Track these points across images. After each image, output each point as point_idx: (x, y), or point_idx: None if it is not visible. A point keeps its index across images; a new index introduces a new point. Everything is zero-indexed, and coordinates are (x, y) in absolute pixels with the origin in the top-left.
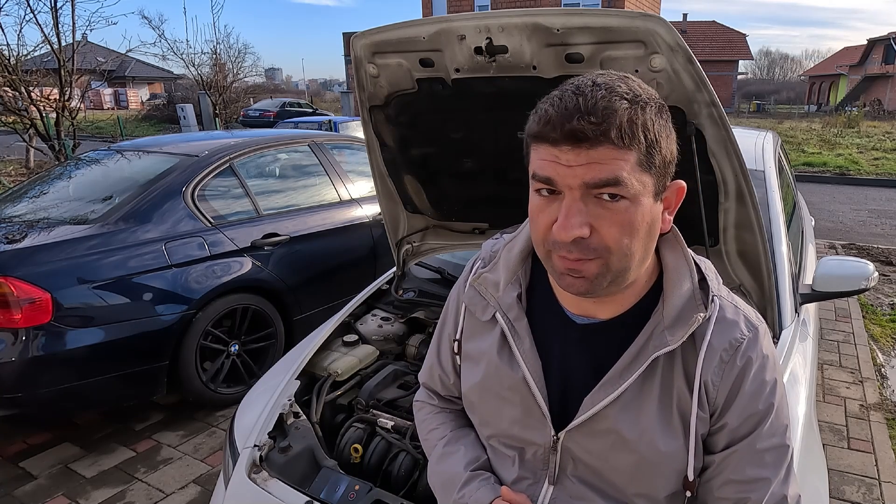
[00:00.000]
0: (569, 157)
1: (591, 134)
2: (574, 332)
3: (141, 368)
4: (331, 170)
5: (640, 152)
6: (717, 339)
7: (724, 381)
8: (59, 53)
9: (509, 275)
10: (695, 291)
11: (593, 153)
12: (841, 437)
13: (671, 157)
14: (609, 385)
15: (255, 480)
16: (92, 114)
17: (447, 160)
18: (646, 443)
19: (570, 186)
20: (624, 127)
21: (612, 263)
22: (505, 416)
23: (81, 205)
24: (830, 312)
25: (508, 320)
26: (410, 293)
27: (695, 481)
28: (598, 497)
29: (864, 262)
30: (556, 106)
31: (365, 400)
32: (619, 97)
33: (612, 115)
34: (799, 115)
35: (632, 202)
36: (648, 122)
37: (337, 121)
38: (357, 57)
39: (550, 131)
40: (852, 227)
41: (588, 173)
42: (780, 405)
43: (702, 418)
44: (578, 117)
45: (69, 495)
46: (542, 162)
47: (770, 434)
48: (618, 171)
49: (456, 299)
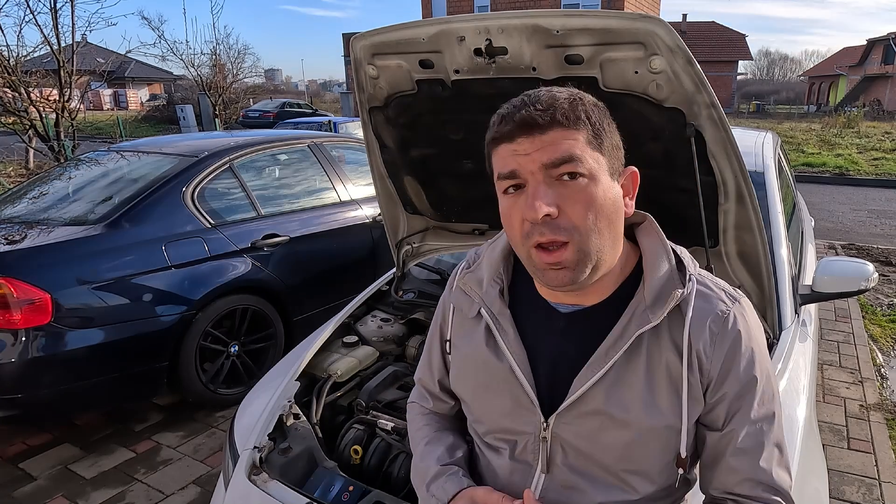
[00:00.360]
0: (525, 146)
1: (539, 119)
2: (559, 321)
3: (141, 369)
4: (330, 170)
5: (588, 132)
6: (700, 309)
7: (717, 350)
8: (59, 54)
9: (492, 272)
10: (673, 272)
11: (545, 137)
12: (841, 437)
13: (618, 144)
14: (595, 365)
15: (255, 482)
16: (91, 114)
17: (447, 161)
18: (634, 419)
19: (531, 172)
20: (567, 111)
21: (584, 244)
22: (496, 408)
23: (81, 205)
24: (830, 313)
25: (492, 314)
26: (410, 294)
27: (687, 459)
28: (590, 485)
29: (864, 263)
30: (505, 108)
31: (365, 401)
32: (558, 92)
33: (554, 102)
34: (798, 115)
35: (590, 179)
36: (589, 109)
37: (336, 121)
38: (357, 58)
39: (504, 127)
40: (852, 227)
41: (544, 155)
42: (770, 372)
43: (693, 386)
44: (525, 109)
45: (69, 496)
46: (503, 159)
47: (769, 400)
48: (570, 148)
49: (445, 302)
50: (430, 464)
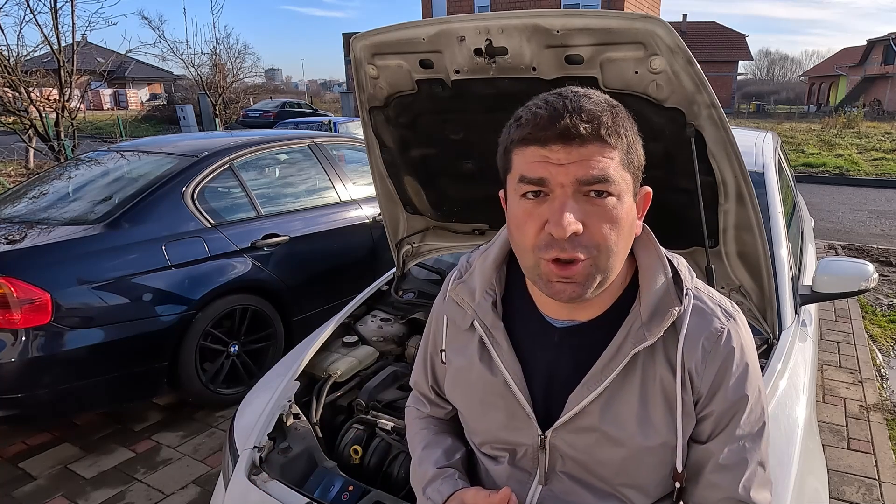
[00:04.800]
0: (559, 155)
1: (583, 131)
2: (554, 335)
3: (140, 369)
4: (331, 170)
5: (623, 151)
6: (695, 328)
7: (707, 368)
8: (59, 54)
9: (484, 283)
10: (669, 287)
11: (583, 150)
12: (841, 437)
13: (642, 160)
14: (591, 383)
15: (254, 482)
16: (91, 114)
17: (447, 161)
18: (629, 437)
19: (562, 184)
20: (610, 126)
21: (601, 262)
22: (492, 421)
23: (81, 205)
24: (830, 313)
25: (485, 326)
26: (410, 294)
27: (683, 472)
28: (588, 493)
29: (864, 263)
30: (543, 108)
31: (365, 401)
32: (599, 101)
33: (599, 114)
34: (798, 115)
35: (618, 199)
36: (626, 124)
37: (337, 121)
38: (357, 58)
39: (540, 131)
40: (852, 227)
41: (580, 170)
42: (761, 389)
43: (687, 403)
44: (570, 116)
45: (69, 496)
46: (531, 163)
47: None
48: (606, 168)
49: (438, 311)
50: (427, 468)
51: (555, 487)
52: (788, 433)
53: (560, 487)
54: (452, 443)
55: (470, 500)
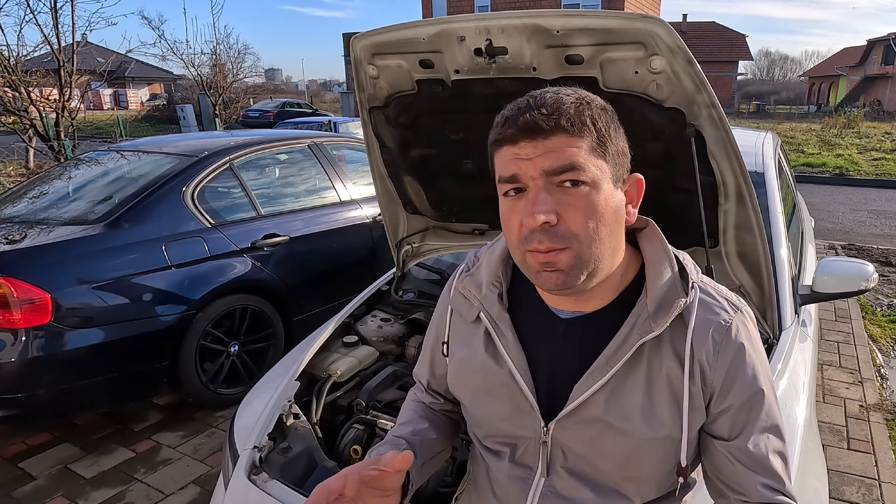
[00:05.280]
0: (527, 150)
1: (543, 124)
2: (559, 326)
3: (140, 369)
4: (331, 170)
5: (592, 139)
6: (702, 319)
7: (720, 360)
8: (59, 54)
9: (491, 276)
10: (675, 280)
11: (548, 143)
12: (841, 437)
13: (624, 150)
14: (596, 373)
15: (254, 481)
16: (91, 114)
17: (447, 161)
18: (634, 429)
19: (532, 177)
20: (572, 116)
21: (583, 252)
22: (496, 413)
23: (81, 205)
24: (830, 313)
25: (491, 318)
26: (410, 294)
27: (687, 468)
28: (589, 489)
29: (864, 263)
30: (510, 109)
31: (365, 401)
32: (566, 95)
33: (560, 106)
34: (798, 115)
35: (592, 187)
36: (595, 114)
37: (337, 121)
38: (357, 58)
39: (507, 129)
40: (852, 227)
41: (546, 161)
42: (772, 382)
43: (695, 396)
44: (530, 111)
45: (69, 496)
46: (505, 162)
47: (774, 410)
48: (573, 156)
49: (443, 304)
50: (389, 437)
51: (556, 483)
52: (788, 433)
53: (562, 484)
54: (427, 428)
55: (363, 470)
